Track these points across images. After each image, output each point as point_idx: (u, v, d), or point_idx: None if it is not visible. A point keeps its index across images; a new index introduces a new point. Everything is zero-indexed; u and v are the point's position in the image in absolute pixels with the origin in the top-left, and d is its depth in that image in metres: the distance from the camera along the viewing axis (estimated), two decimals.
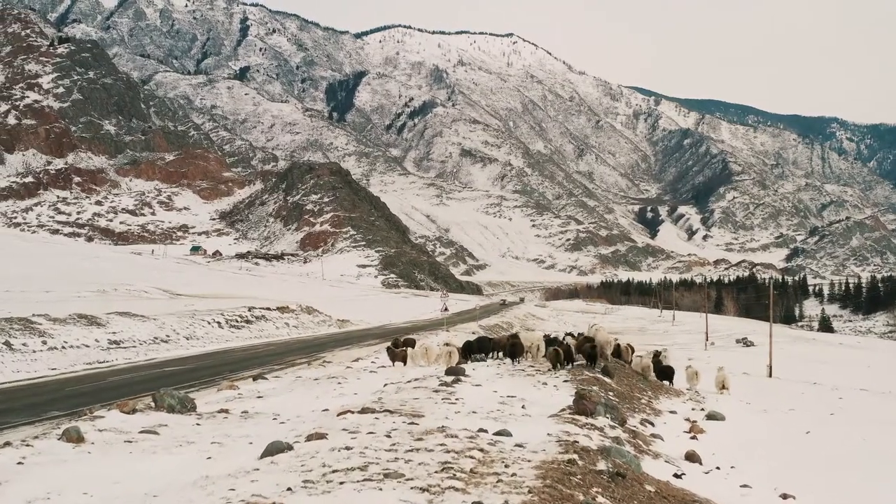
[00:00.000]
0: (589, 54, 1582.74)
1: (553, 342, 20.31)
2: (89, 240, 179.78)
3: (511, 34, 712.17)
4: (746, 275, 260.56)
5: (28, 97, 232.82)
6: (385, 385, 15.45)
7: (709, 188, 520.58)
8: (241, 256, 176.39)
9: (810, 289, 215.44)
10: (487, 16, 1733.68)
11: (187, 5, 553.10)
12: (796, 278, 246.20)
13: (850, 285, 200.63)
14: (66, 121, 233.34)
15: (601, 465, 8.08)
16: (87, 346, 27.09)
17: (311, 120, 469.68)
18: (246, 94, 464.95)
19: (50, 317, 28.21)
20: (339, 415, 10.90)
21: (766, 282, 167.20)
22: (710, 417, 15.40)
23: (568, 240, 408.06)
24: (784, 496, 9.35)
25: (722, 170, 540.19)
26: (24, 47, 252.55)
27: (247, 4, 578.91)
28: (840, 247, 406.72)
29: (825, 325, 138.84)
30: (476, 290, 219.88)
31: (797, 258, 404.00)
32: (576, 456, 8.15)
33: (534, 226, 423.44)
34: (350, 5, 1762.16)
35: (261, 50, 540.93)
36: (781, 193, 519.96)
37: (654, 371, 20.64)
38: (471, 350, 21.87)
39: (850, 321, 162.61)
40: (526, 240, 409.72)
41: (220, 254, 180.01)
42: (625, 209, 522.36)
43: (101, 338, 28.47)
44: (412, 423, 10.00)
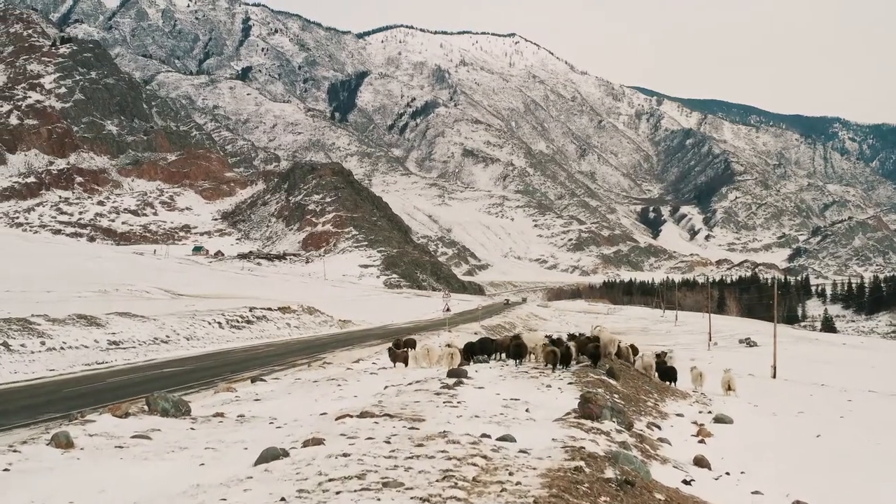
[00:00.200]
0: (591, 54, 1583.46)
1: (554, 343, 20.06)
2: (91, 240, 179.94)
3: (513, 34, 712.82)
4: (749, 275, 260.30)
5: (30, 97, 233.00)
6: (385, 387, 15.27)
7: (711, 188, 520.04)
8: (243, 256, 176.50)
9: (813, 289, 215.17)
10: (489, 16, 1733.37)
11: (189, 5, 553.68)
12: (799, 278, 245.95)
13: (852, 285, 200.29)
14: (68, 121, 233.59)
15: (609, 472, 7.82)
16: (87, 346, 26.87)
17: (313, 120, 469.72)
18: (248, 95, 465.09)
19: (49, 317, 27.99)
20: (337, 419, 10.66)
21: (769, 282, 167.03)
22: (718, 420, 15.09)
23: (570, 240, 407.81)
24: (797, 503, 9.07)
25: (724, 170, 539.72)
26: (27, 47, 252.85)
27: (249, 4, 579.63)
28: (842, 247, 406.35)
29: (828, 326, 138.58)
30: (478, 290, 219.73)
31: (799, 258, 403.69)
32: (582, 463, 7.90)
33: (536, 226, 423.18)
34: (352, 5, 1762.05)
35: (263, 50, 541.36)
36: (784, 193, 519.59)
37: (657, 371, 20.47)
38: (473, 351, 21.62)
39: (853, 321, 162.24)
40: (528, 240, 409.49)
41: (223, 254, 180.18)
42: (627, 209, 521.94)
43: (100, 338, 28.25)
44: (412, 428, 9.75)
